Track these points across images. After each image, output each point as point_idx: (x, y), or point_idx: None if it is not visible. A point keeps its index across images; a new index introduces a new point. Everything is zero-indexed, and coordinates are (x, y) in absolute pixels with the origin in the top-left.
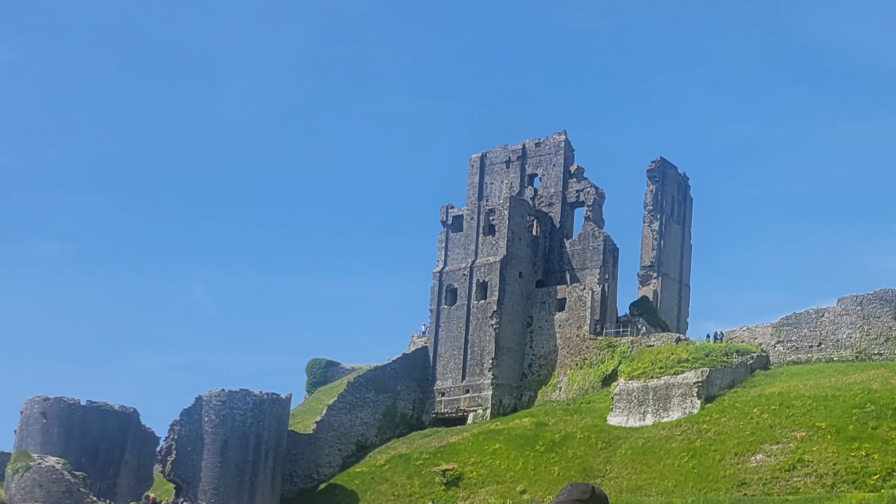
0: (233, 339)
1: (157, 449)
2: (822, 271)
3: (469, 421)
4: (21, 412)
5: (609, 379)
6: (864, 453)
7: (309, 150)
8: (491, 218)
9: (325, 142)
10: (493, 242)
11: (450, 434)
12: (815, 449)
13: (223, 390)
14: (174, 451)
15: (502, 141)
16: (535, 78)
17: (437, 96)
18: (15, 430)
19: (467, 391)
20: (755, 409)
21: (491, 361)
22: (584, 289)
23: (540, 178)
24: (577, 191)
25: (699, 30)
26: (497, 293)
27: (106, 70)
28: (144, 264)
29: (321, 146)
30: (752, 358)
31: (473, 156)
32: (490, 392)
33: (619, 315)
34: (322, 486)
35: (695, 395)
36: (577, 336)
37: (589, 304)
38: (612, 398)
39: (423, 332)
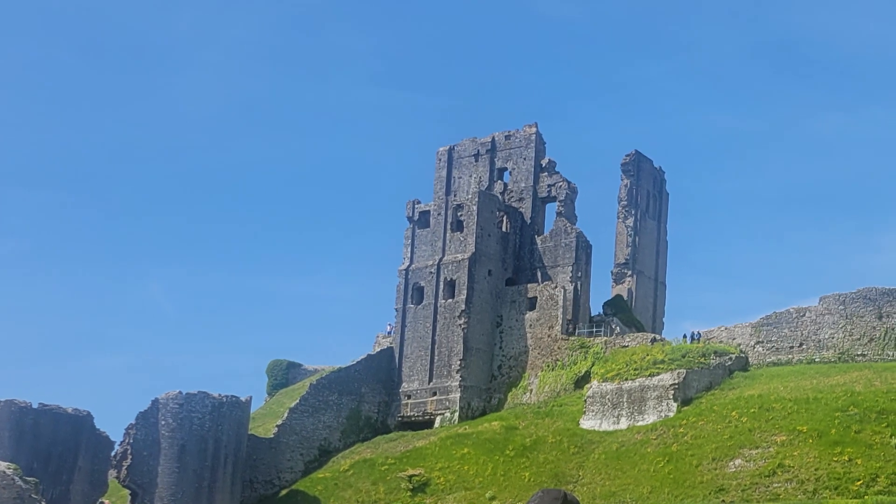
0: (191, 339)
1: (112, 454)
2: (804, 269)
3: (436, 424)
4: None
5: (582, 381)
6: (846, 458)
7: (270, 142)
8: (459, 213)
9: (287, 134)
10: (462, 239)
11: (416, 438)
12: (795, 454)
13: (180, 393)
14: (129, 456)
15: (471, 133)
16: (505, 68)
17: (403, 87)
18: None
19: (434, 394)
20: (734, 413)
21: (459, 363)
22: (556, 287)
23: (510, 173)
24: (549, 185)
25: (676, 18)
26: (465, 292)
27: (60, 60)
28: (99, 261)
29: (283, 139)
30: (730, 359)
31: (441, 149)
32: (458, 394)
33: (592, 314)
34: (283, 492)
35: (671, 397)
36: (549, 336)
37: (561, 303)
38: (585, 401)
39: (389, 333)
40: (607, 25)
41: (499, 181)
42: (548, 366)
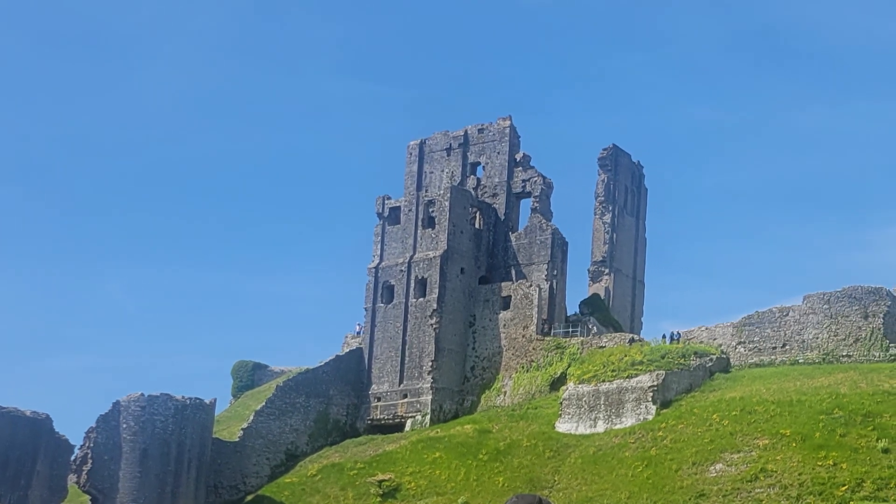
0: (153, 339)
1: (72, 458)
2: (787, 267)
3: (407, 428)
4: None
5: (557, 383)
6: (831, 462)
7: (235, 136)
8: (430, 210)
9: (252, 127)
10: (433, 236)
11: (386, 442)
12: (778, 458)
13: (142, 395)
14: (90, 461)
15: (443, 127)
16: (478, 58)
17: (373, 78)
18: None
19: (405, 396)
20: (714, 416)
21: (430, 364)
22: (531, 286)
23: (483, 167)
24: (524, 180)
25: (655, 7)
26: (437, 290)
27: (14, 50)
28: (57, 259)
29: (248, 132)
30: (711, 360)
31: (412, 143)
32: (429, 397)
33: (568, 314)
34: (249, 497)
35: (650, 399)
36: (524, 336)
37: (536, 302)
38: (561, 403)
39: (358, 333)
40: (584, 15)
41: (472, 176)
42: (522, 367)
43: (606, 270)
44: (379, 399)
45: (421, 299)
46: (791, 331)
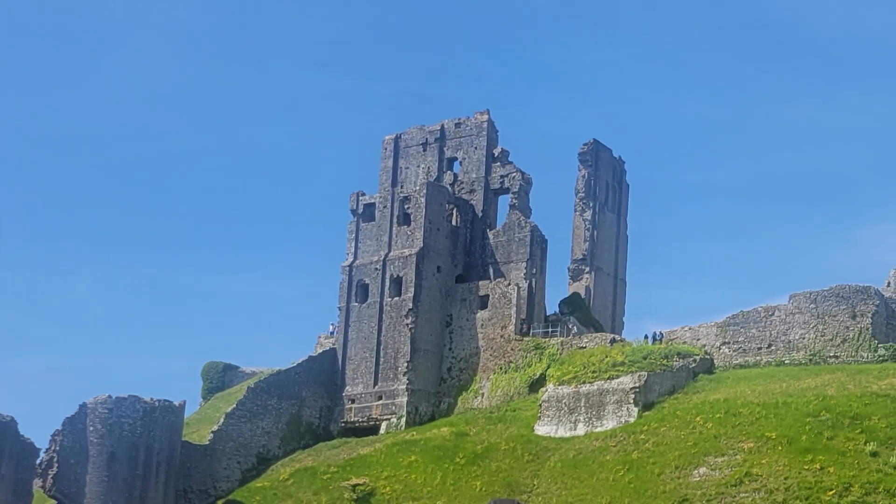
0: (120, 339)
1: (37, 461)
2: (773, 265)
3: (382, 430)
4: None
5: (536, 384)
6: (818, 466)
7: (204, 131)
8: (406, 206)
9: (222, 122)
10: (409, 233)
11: (360, 445)
12: (764, 462)
13: (110, 397)
14: (56, 464)
15: (418, 121)
16: (455, 51)
17: (346, 71)
18: None
19: (380, 398)
20: (698, 418)
21: (406, 365)
22: (509, 284)
23: (460, 163)
24: (502, 176)
25: None
26: (413, 289)
27: None
28: (21, 257)
29: (218, 126)
30: (694, 361)
31: (387, 137)
32: (405, 399)
33: (547, 313)
34: (219, 502)
35: (631, 402)
36: (502, 337)
37: (514, 301)
38: (540, 405)
39: (331, 333)
40: (564, 6)
41: (448, 172)
42: (500, 368)
43: (587, 269)
44: (353, 401)
45: (396, 298)
46: (777, 331)
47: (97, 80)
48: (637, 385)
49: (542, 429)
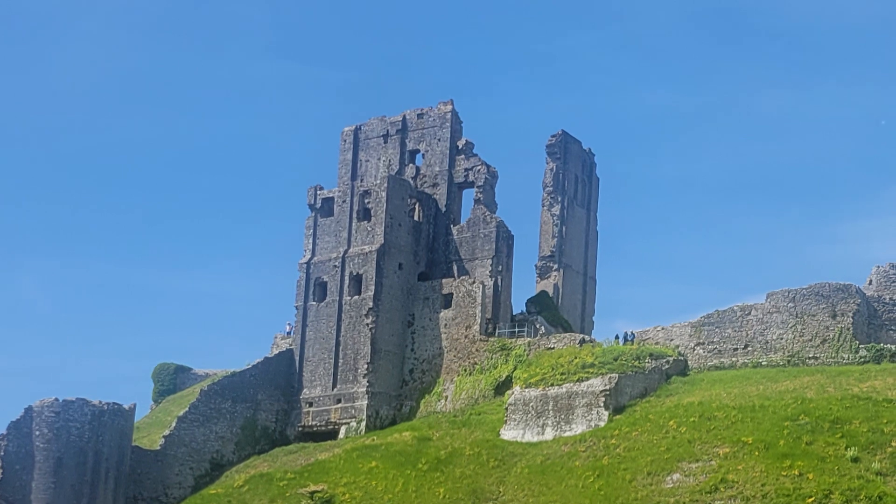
0: (68, 339)
1: None
2: (749, 262)
3: (341, 435)
4: None
5: (502, 387)
6: (797, 472)
7: (156, 121)
8: (366, 201)
9: (174, 112)
10: (369, 229)
11: (319, 450)
12: (740, 467)
13: (57, 400)
14: (0, 471)
15: (379, 112)
16: (417, 38)
17: (304, 60)
18: None
19: (339, 401)
20: (671, 422)
21: (366, 366)
22: (474, 282)
23: (423, 155)
24: (466, 169)
25: None
26: (373, 287)
27: None
28: None
29: (170, 117)
30: (667, 362)
31: (346, 129)
32: (365, 402)
33: (514, 313)
34: None
35: (601, 405)
36: (466, 337)
37: (479, 300)
38: (506, 409)
39: (288, 333)
40: None
41: (410, 165)
42: (465, 370)
43: (555, 266)
44: (310, 404)
45: (356, 297)
46: (753, 331)
47: (41, 69)
48: (607, 388)
49: (508, 433)
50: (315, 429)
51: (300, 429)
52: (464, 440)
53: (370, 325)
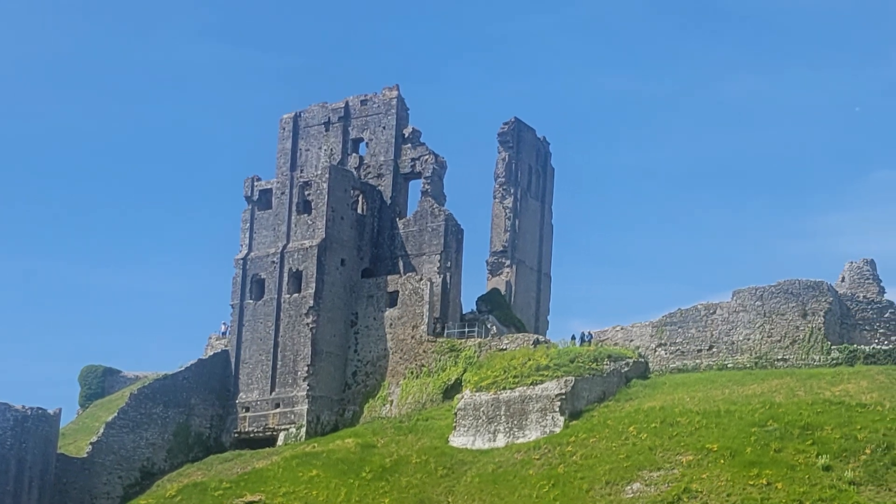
0: None
1: None
2: (714, 258)
3: (280, 442)
4: None
5: (451, 390)
6: (764, 482)
7: (80, 108)
8: (306, 192)
9: (100, 99)
10: (309, 223)
11: (256, 458)
12: (704, 476)
13: None
14: None
15: (320, 98)
16: (361, 20)
17: (240, 43)
18: None
19: (277, 405)
20: (631, 428)
21: (306, 369)
22: (421, 279)
23: (367, 144)
24: (413, 159)
25: None
26: (314, 285)
27: None
28: None
29: (97, 103)
30: (627, 365)
31: (285, 116)
32: (305, 406)
33: (463, 312)
34: None
35: (557, 410)
36: (413, 338)
37: (427, 298)
38: (456, 414)
39: (223, 333)
40: None
41: (353, 154)
42: (411, 372)
43: (507, 262)
44: (247, 409)
45: (295, 295)
46: (719, 331)
47: None
48: (563, 391)
49: (457, 440)
50: (252, 435)
51: (236, 435)
52: (410, 447)
53: (311, 325)
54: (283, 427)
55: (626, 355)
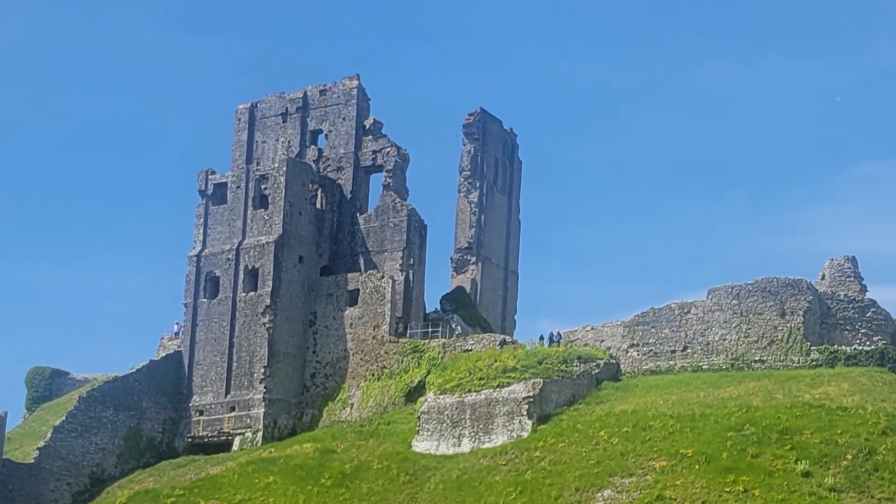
0: None
1: None
2: (689, 255)
3: (235, 447)
4: None
5: (414, 393)
6: (741, 488)
7: (28, 97)
8: (263, 186)
9: (48, 88)
10: (266, 218)
11: (210, 464)
12: (678, 483)
13: None
14: None
15: (278, 88)
16: (320, 7)
17: (194, 31)
18: None
19: (233, 409)
20: (602, 432)
21: (263, 371)
22: (383, 277)
23: (326, 136)
24: (374, 152)
25: None
26: (271, 283)
27: None
28: None
29: (43, 94)
30: (598, 366)
31: (241, 106)
32: (262, 410)
33: (427, 311)
34: None
35: (524, 413)
36: (374, 338)
37: (389, 296)
38: (419, 418)
39: (176, 333)
40: None
41: (312, 146)
42: (372, 374)
43: (473, 259)
44: (201, 413)
45: (251, 294)
46: (693, 331)
47: None
48: (531, 394)
49: (420, 445)
50: (206, 440)
51: (190, 440)
52: (371, 452)
53: (267, 325)
54: (238, 431)
55: (597, 356)
